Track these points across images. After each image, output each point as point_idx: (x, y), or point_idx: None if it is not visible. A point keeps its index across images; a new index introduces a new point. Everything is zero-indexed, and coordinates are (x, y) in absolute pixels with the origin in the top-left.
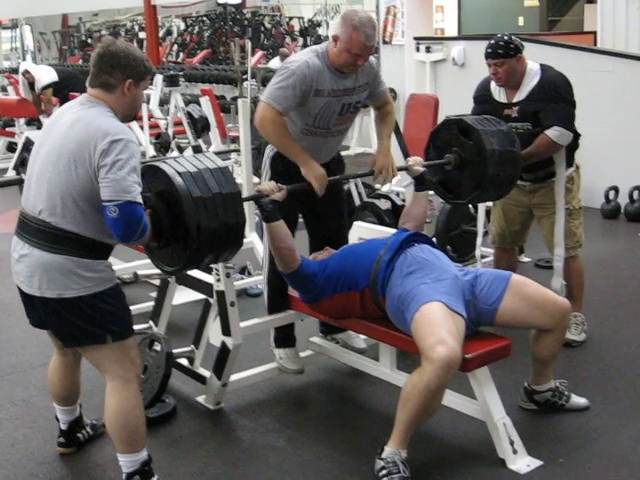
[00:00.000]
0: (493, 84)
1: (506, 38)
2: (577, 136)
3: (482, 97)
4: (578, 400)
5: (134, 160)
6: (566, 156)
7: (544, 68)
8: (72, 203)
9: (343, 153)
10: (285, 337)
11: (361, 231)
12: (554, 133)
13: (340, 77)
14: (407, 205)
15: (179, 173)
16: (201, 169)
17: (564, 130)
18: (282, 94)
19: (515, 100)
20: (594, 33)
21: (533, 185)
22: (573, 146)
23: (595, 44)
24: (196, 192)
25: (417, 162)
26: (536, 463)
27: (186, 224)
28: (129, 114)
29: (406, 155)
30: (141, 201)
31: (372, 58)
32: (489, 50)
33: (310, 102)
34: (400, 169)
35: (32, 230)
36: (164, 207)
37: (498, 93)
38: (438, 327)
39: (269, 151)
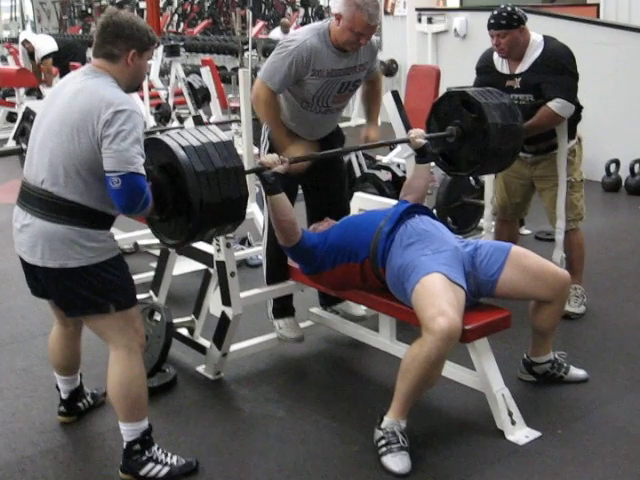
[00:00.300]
0: (496, 55)
1: (509, 9)
2: (579, 108)
3: (484, 68)
4: (577, 372)
5: (137, 131)
6: (568, 128)
7: (547, 39)
8: (75, 173)
9: (344, 125)
10: (283, 307)
11: (361, 202)
12: (556, 105)
13: (341, 56)
14: (408, 177)
15: (182, 147)
16: (204, 143)
17: (566, 102)
18: (278, 74)
19: (517, 71)
20: (597, 5)
21: (535, 157)
22: (575, 118)
23: (598, 16)
24: (199, 166)
25: (418, 134)
26: (534, 434)
27: (189, 198)
28: (133, 84)
29: (407, 127)
30: (144, 172)
31: (374, 37)
32: (492, 21)
33: (309, 82)
34: (401, 141)
35: (34, 200)
36: (166, 180)
37: (501, 64)
38: (439, 298)
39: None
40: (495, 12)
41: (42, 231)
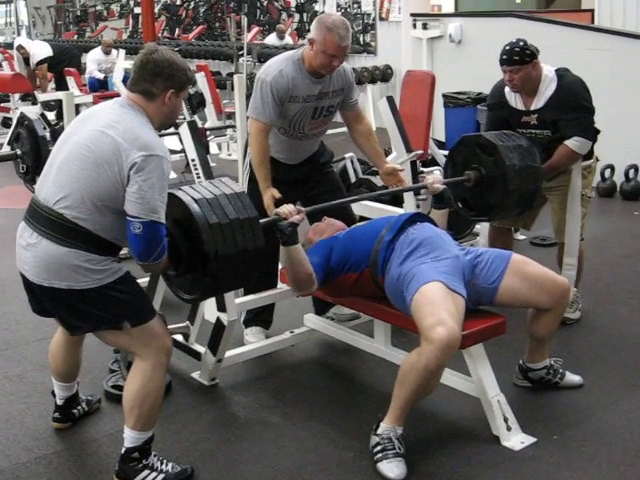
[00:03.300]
0: (507, 89)
1: (521, 44)
2: (597, 132)
3: (497, 104)
4: (572, 378)
5: (165, 179)
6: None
7: (560, 74)
8: (91, 203)
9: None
10: (252, 319)
11: (356, 208)
12: (575, 144)
13: (314, 82)
14: None
15: (195, 200)
16: (217, 195)
17: (584, 140)
18: (264, 105)
19: (533, 108)
20: (592, 11)
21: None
22: (593, 141)
23: (592, 22)
24: (213, 218)
25: (436, 180)
26: (530, 440)
27: (204, 251)
28: (166, 123)
29: (402, 132)
30: (164, 222)
31: (348, 66)
32: (504, 57)
33: (286, 107)
34: (420, 187)
35: (44, 220)
36: (181, 234)
37: (514, 100)
38: (438, 307)
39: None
40: (507, 47)
41: (47, 253)
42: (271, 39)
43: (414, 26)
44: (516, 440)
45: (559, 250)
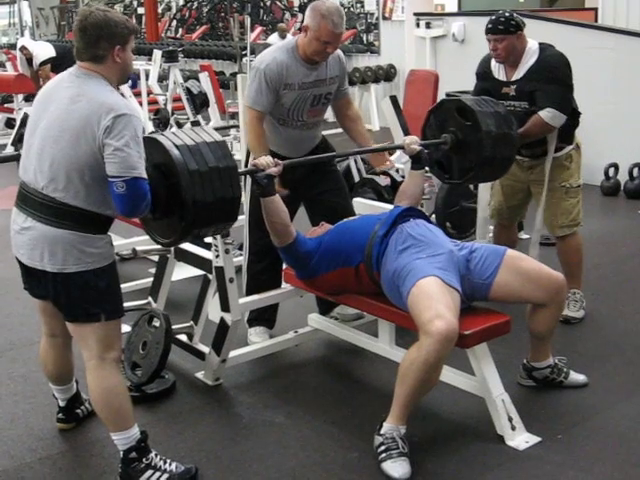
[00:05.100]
0: (493, 61)
1: (507, 14)
2: (577, 114)
3: (483, 74)
4: (577, 377)
5: (138, 135)
6: (565, 134)
7: (543, 47)
8: (76, 178)
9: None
10: (255, 318)
11: (360, 207)
12: (547, 115)
13: (310, 69)
14: (403, 184)
15: (176, 145)
16: (198, 142)
17: (557, 112)
18: (258, 93)
19: (513, 79)
20: (595, 9)
21: (531, 161)
22: (573, 124)
23: (596, 21)
24: (193, 165)
25: (413, 141)
26: (534, 439)
27: (182, 197)
28: (123, 78)
29: (406, 132)
30: (146, 176)
31: (342, 54)
32: (489, 25)
33: (282, 96)
34: (396, 147)
35: (36, 204)
36: (161, 179)
37: (497, 71)
38: (435, 301)
39: None
40: (493, 17)
41: (43, 235)
42: (273, 39)
43: (417, 25)
44: (520, 439)
45: (558, 246)
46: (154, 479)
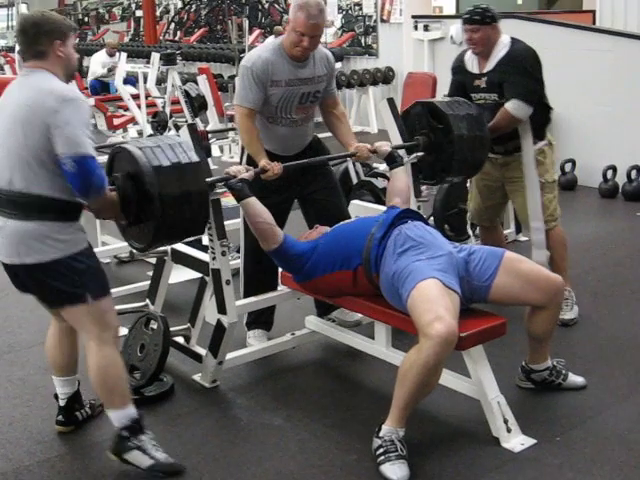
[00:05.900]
0: (467, 55)
1: (484, 6)
2: (548, 110)
3: (457, 68)
4: (575, 379)
5: (84, 116)
6: (537, 129)
7: (514, 41)
8: (37, 166)
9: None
10: (254, 321)
11: (358, 210)
12: (512, 106)
13: (296, 66)
14: (389, 184)
15: (139, 148)
16: (160, 144)
17: (522, 104)
18: (247, 91)
19: (484, 70)
20: (593, 12)
21: (504, 158)
22: (544, 120)
23: (594, 23)
24: (155, 161)
25: (384, 144)
26: (530, 441)
27: (148, 193)
28: (68, 73)
29: (403, 134)
30: (95, 155)
31: (329, 53)
32: (466, 16)
33: (270, 92)
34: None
35: (3, 202)
36: (131, 185)
37: (471, 64)
38: (435, 304)
39: None
40: (470, 8)
41: (15, 231)
42: (270, 41)
43: (415, 28)
44: (516, 442)
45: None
46: (139, 460)
